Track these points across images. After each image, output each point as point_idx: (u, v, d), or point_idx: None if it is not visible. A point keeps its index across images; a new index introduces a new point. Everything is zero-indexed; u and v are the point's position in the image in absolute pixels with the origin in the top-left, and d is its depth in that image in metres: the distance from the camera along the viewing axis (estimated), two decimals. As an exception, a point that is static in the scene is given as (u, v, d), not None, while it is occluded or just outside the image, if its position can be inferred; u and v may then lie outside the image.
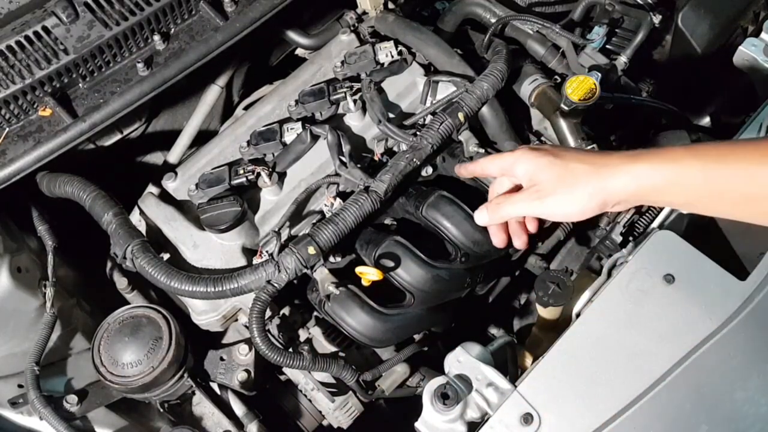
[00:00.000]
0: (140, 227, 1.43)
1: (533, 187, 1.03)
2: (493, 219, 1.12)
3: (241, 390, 1.41)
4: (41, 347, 1.30)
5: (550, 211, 1.02)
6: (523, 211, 1.07)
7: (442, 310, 1.42)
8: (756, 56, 1.40)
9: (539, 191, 1.02)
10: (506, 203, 1.08)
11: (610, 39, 1.71)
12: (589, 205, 0.98)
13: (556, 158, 1.01)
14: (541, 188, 1.02)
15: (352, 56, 1.50)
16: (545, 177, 1.01)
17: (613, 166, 0.96)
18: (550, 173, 1.01)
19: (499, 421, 1.06)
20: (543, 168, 1.01)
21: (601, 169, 0.97)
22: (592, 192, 0.97)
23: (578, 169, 0.99)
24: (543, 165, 1.02)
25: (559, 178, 1.00)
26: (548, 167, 1.01)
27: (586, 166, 0.98)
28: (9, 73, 1.30)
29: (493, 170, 1.13)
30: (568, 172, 0.99)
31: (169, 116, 1.69)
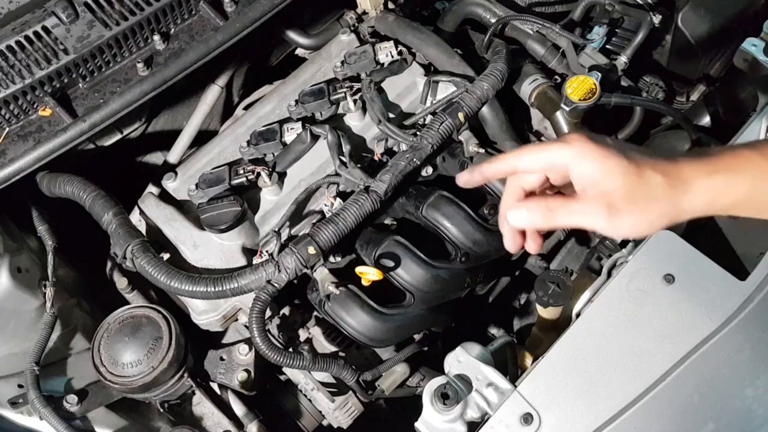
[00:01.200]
0: (140, 227, 1.43)
1: (599, 197, 0.82)
2: (535, 223, 0.87)
3: (241, 390, 1.41)
4: (41, 347, 1.30)
5: (615, 232, 0.84)
6: (582, 224, 0.84)
7: (442, 310, 1.42)
8: (756, 56, 1.40)
9: (610, 206, 0.81)
10: (563, 211, 0.84)
11: (610, 39, 1.71)
12: (659, 225, 0.84)
13: (629, 163, 0.81)
14: (612, 202, 0.81)
15: (352, 56, 1.50)
16: (616, 187, 0.81)
17: (689, 181, 0.82)
18: (622, 183, 0.81)
19: (499, 421, 1.06)
20: (614, 175, 0.81)
21: (677, 183, 0.82)
22: (666, 212, 0.83)
23: (654, 181, 0.81)
24: (614, 171, 0.81)
25: (633, 192, 0.81)
26: (621, 175, 0.81)
27: (662, 178, 0.81)
28: (9, 73, 1.30)
29: (535, 165, 0.88)
30: (644, 186, 0.81)
31: (169, 116, 1.69)
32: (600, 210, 0.82)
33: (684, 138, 1.59)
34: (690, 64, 1.78)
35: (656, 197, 0.81)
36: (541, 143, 0.91)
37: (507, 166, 0.90)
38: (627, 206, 0.81)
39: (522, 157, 0.88)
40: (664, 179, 0.81)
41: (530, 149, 0.88)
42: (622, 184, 0.81)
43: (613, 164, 0.81)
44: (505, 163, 0.90)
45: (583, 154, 0.83)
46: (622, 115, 1.68)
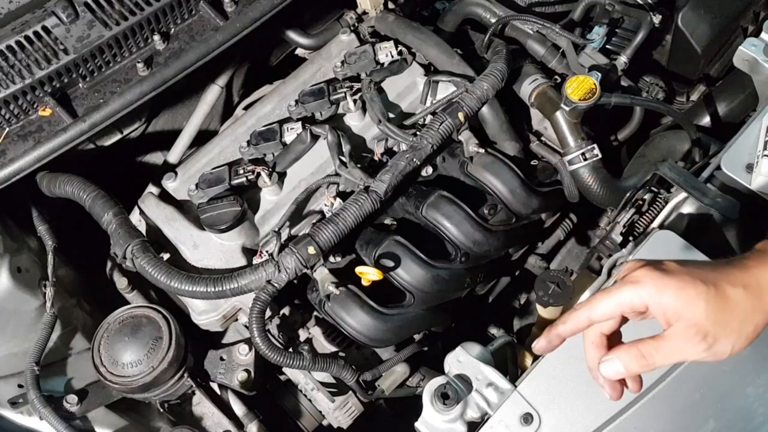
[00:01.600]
0: (140, 227, 1.43)
1: (690, 329, 0.79)
2: (632, 372, 0.83)
3: (241, 390, 1.41)
4: (41, 347, 1.30)
5: (719, 358, 0.81)
6: (683, 359, 0.82)
7: (442, 310, 1.42)
8: (756, 56, 1.40)
9: (705, 336, 0.79)
10: (658, 355, 0.81)
11: (610, 39, 1.71)
12: (756, 335, 0.81)
13: (707, 287, 0.79)
14: (705, 331, 0.79)
15: (352, 56, 1.50)
16: (704, 316, 0.78)
17: None
18: (708, 310, 0.78)
19: (499, 421, 1.06)
20: (697, 303, 0.78)
21: (760, 291, 0.80)
22: (760, 322, 0.80)
23: (737, 297, 0.80)
24: (696, 299, 0.79)
25: (722, 315, 0.79)
26: (705, 302, 0.78)
27: (743, 291, 0.80)
28: (9, 73, 1.30)
29: (611, 313, 0.85)
30: (730, 305, 0.79)
31: (169, 116, 1.69)
32: (696, 343, 0.79)
33: (684, 138, 1.59)
34: (690, 64, 1.78)
35: (746, 312, 0.80)
36: (608, 290, 0.84)
37: (582, 322, 0.87)
38: (722, 331, 0.79)
39: (595, 309, 0.85)
40: (746, 292, 0.80)
41: (601, 299, 0.85)
42: (708, 311, 0.79)
43: (693, 293, 0.79)
44: (579, 321, 0.87)
45: (659, 290, 0.80)
46: (622, 115, 1.68)
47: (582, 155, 1.49)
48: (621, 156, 1.75)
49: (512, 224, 1.45)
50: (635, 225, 1.33)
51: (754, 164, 1.19)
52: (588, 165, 1.49)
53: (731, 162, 1.22)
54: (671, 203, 1.23)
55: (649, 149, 1.66)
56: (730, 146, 1.24)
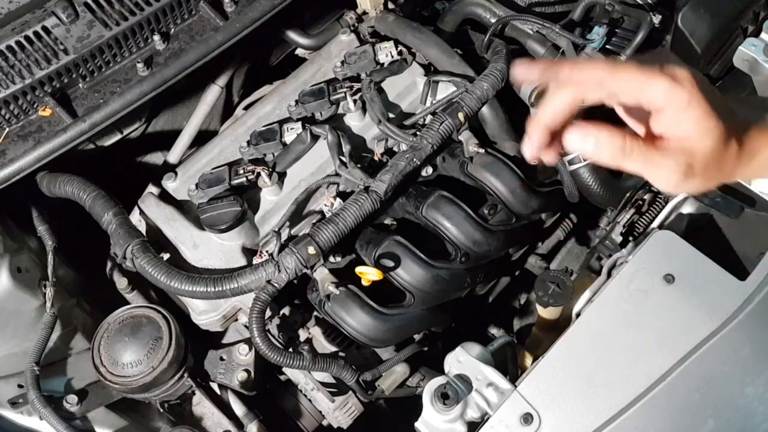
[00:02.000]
0: (140, 227, 1.43)
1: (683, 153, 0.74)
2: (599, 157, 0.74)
3: (241, 390, 1.41)
4: (41, 347, 1.30)
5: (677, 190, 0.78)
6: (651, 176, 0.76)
7: (442, 310, 1.42)
8: (756, 56, 1.40)
9: (689, 167, 0.75)
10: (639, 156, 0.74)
11: (610, 39, 1.71)
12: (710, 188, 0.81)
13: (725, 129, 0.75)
14: (693, 162, 0.74)
15: (352, 56, 1.50)
16: (704, 151, 0.74)
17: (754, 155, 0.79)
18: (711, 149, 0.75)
19: (499, 420, 1.06)
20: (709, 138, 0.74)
21: (744, 156, 0.78)
22: (722, 180, 0.79)
23: (731, 151, 0.77)
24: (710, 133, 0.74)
25: (713, 159, 0.75)
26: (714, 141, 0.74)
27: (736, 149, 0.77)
28: (9, 73, 1.30)
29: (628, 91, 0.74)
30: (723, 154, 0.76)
31: (169, 116, 1.69)
32: (678, 168, 0.74)
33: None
34: (690, 64, 1.77)
35: (725, 167, 0.77)
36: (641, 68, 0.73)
37: (593, 75, 0.74)
38: (702, 171, 0.75)
39: (617, 73, 0.73)
40: (738, 150, 0.77)
41: (629, 69, 0.73)
42: (710, 150, 0.74)
43: (713, 126, 0.74)
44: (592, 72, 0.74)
45: (690, 103, 0.73)
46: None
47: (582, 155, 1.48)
48: (621, 156, 1.75)
49: (512, 224, 1.45)
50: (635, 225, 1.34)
51: (754, 164, 1.19)
52: (588, 165, 1.49)
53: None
54: (671, 203, 1.24)
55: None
56: (730, 146, 1.24)
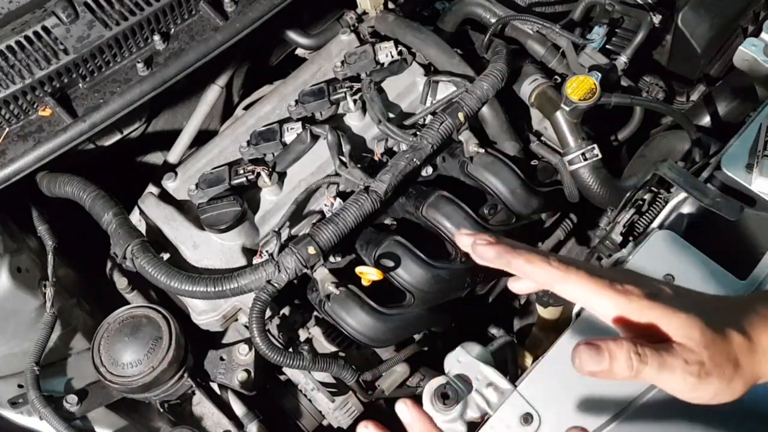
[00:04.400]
0: (140, 227, 1.43)
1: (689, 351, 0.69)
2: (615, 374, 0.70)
3: (241, 390, 1.41)
4: (41, 347, 1.30)
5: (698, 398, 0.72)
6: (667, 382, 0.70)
7: (442, 310, 1.42)
8: (756, 56, 1.40)
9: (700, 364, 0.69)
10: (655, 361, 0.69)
11: (610, 39, 1.71)
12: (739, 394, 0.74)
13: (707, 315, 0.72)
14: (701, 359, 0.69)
15: (352, 56, 1.50)
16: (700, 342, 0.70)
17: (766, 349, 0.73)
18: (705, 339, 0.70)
19: (499, 420, 1.06)
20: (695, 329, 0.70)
21: (757, 348, 0.72)
22: (749, 381, 0.73)
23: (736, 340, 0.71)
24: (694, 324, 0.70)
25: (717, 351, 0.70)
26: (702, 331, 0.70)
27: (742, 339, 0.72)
28: (9, 73, 1.30)
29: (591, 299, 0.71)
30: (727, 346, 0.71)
31: (169, 116, 1.69)
32: (692, 369, 0.69)
33: (684, 138, 1.59)
34: (690, 64, 1.77)
35: (740, 360, 0.71)
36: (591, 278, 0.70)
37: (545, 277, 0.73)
38: (715, 368, 0.69)
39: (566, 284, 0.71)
40: (744, 340, 0.71)
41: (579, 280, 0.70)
42: (705, 341, 0.69)
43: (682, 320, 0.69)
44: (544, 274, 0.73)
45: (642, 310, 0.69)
46: (622, 115, 1.68)
47: (582, 155, 1.49)
48: (621, 156, 1.75)
49: (512, 224, 1.45)
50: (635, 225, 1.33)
51: (754, 164, 1.19)
52: (588, 165, 1.49)
53: (731, 162, 1.22)
54: (671, 203, 1.23)
55: (649, 149, 1.66)
56: (730, 146, 1.24)
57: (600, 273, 0.71)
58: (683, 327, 0.69)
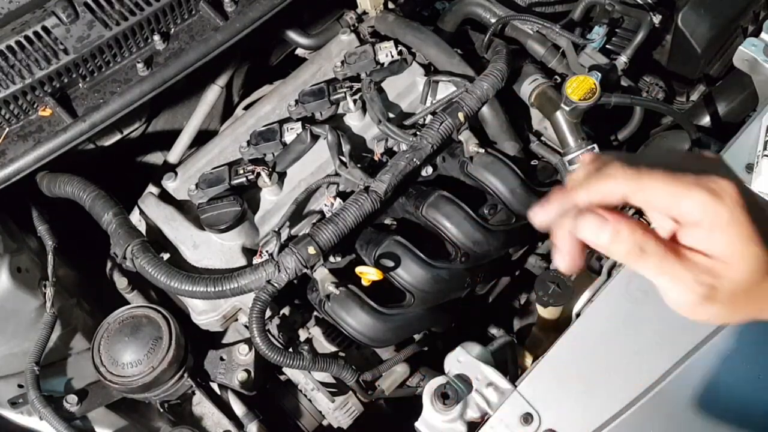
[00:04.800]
0: (140, 227, 1.43)
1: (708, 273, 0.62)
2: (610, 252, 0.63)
3: (241, 390, 1.41)
4: (41, 347, 1.30)
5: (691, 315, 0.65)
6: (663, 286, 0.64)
7: (442, 310, 1.42)
8: (756, 56, 1.40)
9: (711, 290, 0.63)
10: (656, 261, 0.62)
11: (610, 39, 1.71)
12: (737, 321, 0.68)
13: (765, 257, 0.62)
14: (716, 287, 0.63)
15: (352, 56, 1.50)
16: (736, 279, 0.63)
17: None
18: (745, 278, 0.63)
19: (499, 420, 1.06)
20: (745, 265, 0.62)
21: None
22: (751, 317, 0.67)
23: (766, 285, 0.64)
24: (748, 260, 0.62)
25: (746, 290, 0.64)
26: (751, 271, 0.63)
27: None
28: (9, 73, 1.30)
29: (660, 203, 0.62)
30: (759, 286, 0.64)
31: (169, 116, 1.69)
32: (698, 288, 0.62)
33: (684, 138, 1.59)
34: (690, 64, 1.77)
35: (759, 302, 0.65)
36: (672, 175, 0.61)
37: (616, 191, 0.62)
38: (726, 299, 0.63)
39: (643, 188, 0.61)
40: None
41: (658, 180, 0.61)
42: (742, 279, 0.63)
43: (753, 253, 0.62)
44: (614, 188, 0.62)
45: (731, 222, 0.61)
46: (622, 115, 1.68)
47: (582, 155, 1.48)
48: (621, 156, 1.75)
49: (512, 224, 1.44)
50: (635, 225, 1.33)
51: (754, 164, 1.19)
52: (588, 165, 1.48)
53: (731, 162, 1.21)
54: (671, 203, 1.23)
55: (649, 149, 1.66)
56: (730, 146, 1.24)
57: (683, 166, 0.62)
58: (740, 257, 0.62)
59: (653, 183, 0.61)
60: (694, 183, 0.60)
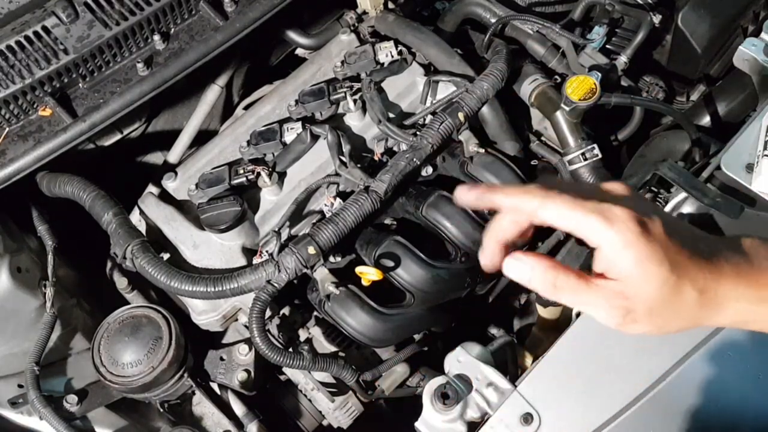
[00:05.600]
0: (140, 227, 1.43)
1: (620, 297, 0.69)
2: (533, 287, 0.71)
3: (241, 390, 1.41)
4: (41, 347, 1.30)
5: (630, 332, 0.72)
6: (590, 314, 0.71)
7: (442, 310, 1.42)
8: (756, 56, 1.40)
9: (628, 312, 0.69)
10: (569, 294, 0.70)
11: (610, 39, 1.71)
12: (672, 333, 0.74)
13: (671, 274, 0.68)
14: (632, 307, 0.69)
15: (352, 56, 1.50)
16: (645, 298, 0.69)
17: (724, 304, 0.72)
18: (654, 296, 0.69)
19: (499, 420, 1.06)
20: (650, 284, 0.68)
21: (710, 304, 0.71)
22: (686, 327, 0.73)
23: (688, 298, 0.70)
24: (651, 279, 0.68)
25: (661, 305, 0.69)
26: (657, 288, 0.68)
27: (697, 296, 0.70)
28: (9, 73, 1.30)
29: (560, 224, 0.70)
30: (675, 302, 0.70)
31: (169, 116, 1.69)
32: (615, 313, 0.69)
33: (684, 138, 1.59)
34: (690, 64, 1.77)
35: (683, 313, 0.71)
36: (576, 203, 0.68)
37: (526, 206, 0.71)
38: (647, 317, 0.70)
39: (548, 206, 0.69)
40: (699, 297, 0.70)
41: (562, 202, 0.68)
42: (652, 297, 0.68)
43: (654, 271, 0.67)
44: (525, 203, 0.71)
45: (625, 244, 0.67)
46: (622, 115, 1.68)
47: (582, 155, 1.49)
48: (621, 156, 1.75)
49: (512, 224, 1.44)
50: (635, 225, 1.33)
51: (754, 164, 1.19)
52: (588, 165, 1.49)
53: (731, 162, 1.22)
54: (671, 203, 1.24)
55: (649, 149, 1.66)
56: (730, 146, 1.24)
57: (588, 195, 0.69)
58: (642, 278, 0.68)
59: (557, 204, 0.68)
60: (591, 209, 0.67)
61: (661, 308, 0.70)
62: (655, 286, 0.68)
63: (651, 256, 0.67)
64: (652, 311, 0.70)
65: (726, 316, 0.73)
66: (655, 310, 0.70)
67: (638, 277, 0.68)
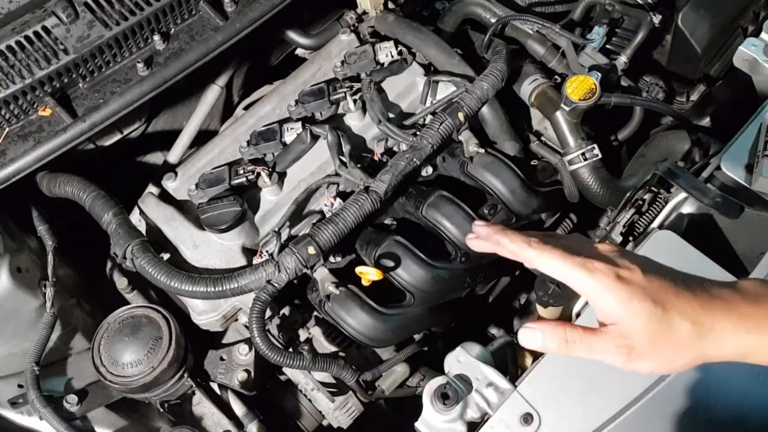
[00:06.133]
0: (140, 227, 1.43)
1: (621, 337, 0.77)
2: (548, 350, 0.81)
3: (241, 390, 1.41)
4: (41, 347, 1.30)
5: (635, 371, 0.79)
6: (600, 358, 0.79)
7: (442, 310, 1.42)
8: (756, 56, 1.40)
9: (631, 349, 0.77)
10: (581, 345, 0.79)
11: (610, 39, 1.71)
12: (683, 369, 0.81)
13: (655, 307, 0.76)
14: (633, 345, 0.77)
15: (352, 56, 1.50)
16: (638, 332, 0.76)
17: (720, 336, 0.77)
18: (645, 329, 0.76)
19: (499, 420, 1.06)
20: (638, 318, 0.76)
21: (707, 334, 0.77)
22: (691, 360, 0.78)
23: (681, 329, 0.76)
24: (638, 314, 0.76)
25: (656, 337, 0.76)
26: (646, 321, 0.76)
27: (690, 327, 0.76)
28: (9, 73, 1.30)
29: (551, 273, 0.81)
30: (669, 334, 0.76)
31: (169, 116, 1.69)
32: (621, 351, 0.77)
33: (684, 138, 1.59)
34: (690, 64, 1.78)
35: (682, 346, 0.77)
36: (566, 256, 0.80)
37: (523, 258, 0.84)
38: (649, 351, 0.77)
39: (543, 259, 0.81)
40: (693, 328, 0.76)
41: (553, 257, 0.80)
42: (645, 330, 0.76)
43: (638, 307, 0.76)
44: (522, 254, 0.83)
45: (604, 288, 0.77)
46: (622, 115, 1.68)
47: (582, 155, 1.49)
48: (621, 156, 1.75)
49: (512, 224, 1.45)
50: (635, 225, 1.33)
51: (754, 164, 1.19)
52: (588, 165, 1.49)
53: (731, 162, 1.22)
54: (671, 203, 1.24)
55: (649, 149, 1.67)
56: (730, 146, 1.24)
57: (577, 251, 0.80)
58: (630, 315, 0.76)
59: (550, 256, 0.80)
60: (577, 263, 0.78)
61: (659, 341, 0.77)
62: (644, 320, 0.76)
63: (631, 296, 0.76)
64: (651, 345, 0.77)
65: (728, 349, 0.78)
66: (654, 344, 0.77)
67: (626, 314, 0.76)
